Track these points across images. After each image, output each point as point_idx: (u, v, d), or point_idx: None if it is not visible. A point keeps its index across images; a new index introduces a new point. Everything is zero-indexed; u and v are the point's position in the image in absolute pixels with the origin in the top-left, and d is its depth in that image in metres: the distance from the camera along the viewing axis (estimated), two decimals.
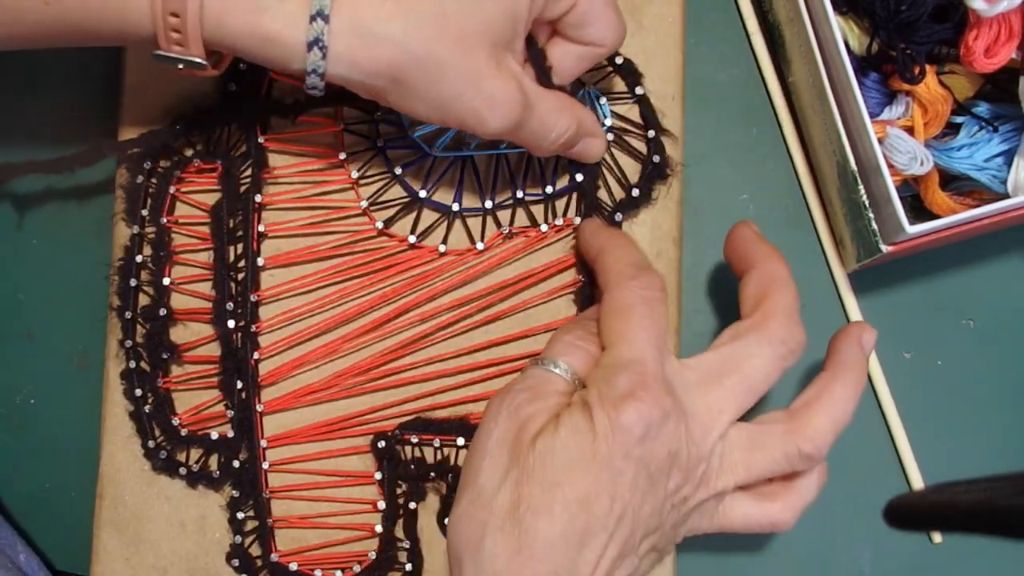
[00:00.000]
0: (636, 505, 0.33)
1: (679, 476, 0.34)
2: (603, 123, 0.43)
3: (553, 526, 0.33)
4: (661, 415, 0.33)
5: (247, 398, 0.42)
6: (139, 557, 0.43)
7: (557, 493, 0.33)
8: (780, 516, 0.37)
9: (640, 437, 0.33)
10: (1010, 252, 0.45)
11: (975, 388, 0.45)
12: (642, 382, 0.34)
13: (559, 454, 0.33)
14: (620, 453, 0.33)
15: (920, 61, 0.39)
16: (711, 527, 0.37)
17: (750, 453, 0.36)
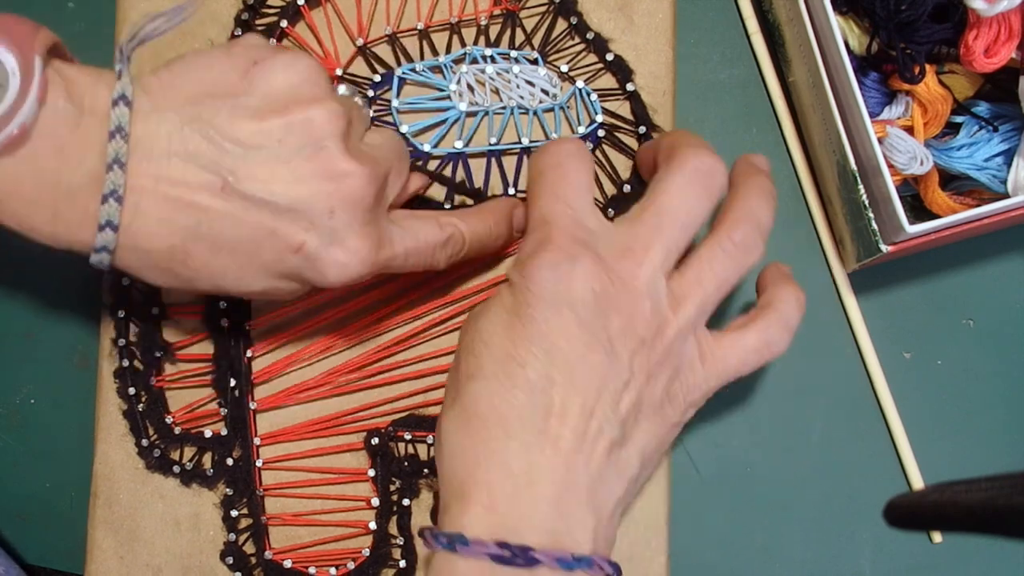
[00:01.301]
0: (579, 353, 0.33)
1: (617, 317, 0.34)
2: (594, 120, 0.42)
3: (491, 386, 0.33)
4: (568, 259, 0.33)
5: (240, 396, 0.42)
6: (133, 555, 0.43)
7: (488, 356, 0.33)
8: (770, 332, 0.36)
9: (553, 285, 0.33)
10: (1010, 252, 0.45)
11: (975, 388, 0.45)
12: (547, 236, 0.34)
13: (486, 321, 0.34)
14: (538, 304, 0.33)
15: (920, 61, 0.39)
16: (708, 377, 0.36)
17: (694, 272, 0.35)
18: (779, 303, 0.37)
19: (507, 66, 0.43)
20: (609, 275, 0.34)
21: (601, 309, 0.33)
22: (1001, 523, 0.25)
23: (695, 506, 0.44)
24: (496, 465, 0.32)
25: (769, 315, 0.37)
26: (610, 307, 0.34)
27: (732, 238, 0.35)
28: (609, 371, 0.33)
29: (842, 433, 0.45)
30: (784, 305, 0.37)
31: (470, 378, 0.34)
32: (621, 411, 0.34)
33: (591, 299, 0.33)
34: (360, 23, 0.43)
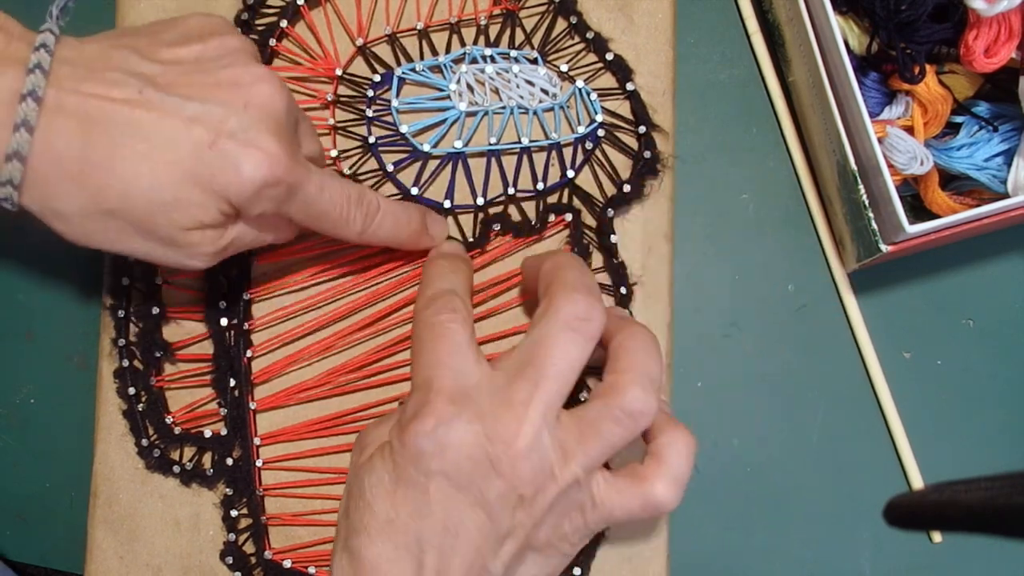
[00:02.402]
0: (456, 517, 0.33)
1: (498, 480, 0.34)
2: (594, 119, 0.43)
3: (372, 547, 0.34)
4: (444, 427, 0.33)
5: (240, 396, 0.42)
6: (133, 555, 0.43)
7: (370, 516, 0.34)
8: (656, 493, 0.35)
9: (431, 452, 0.33)
10: (1010, 252, 0.45)
11: (975, 388, 0.45)
12: (425, 400, 0.34)
13: (370, 478, 0.35)
14: (415, 471, 0.34)
15: (920, 61, 0.39)
16: (595, 520, 0.36)
17: (581, 435, 0.35)
18: (668, 456, 0.36)
19: (507, 66, 0.43)
20: (489, 438, 0.34)
21: (480, 474, 0.34)
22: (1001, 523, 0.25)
23: (695, 506, 0.44)
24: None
25: (658, 473, 0.36)
26: (489, 471, 0.34)
27: (623, 407, 0.34)
28: (489, 529, 0.34)
29: (842, 433, 0.45)
30: (674, 459, 0.36)
31: (356, 532, 0.34)
32: (503, 557, 0.34)
33: (468, 466, 0.34)
34: (360, 23, 0.43)
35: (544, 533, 0.35)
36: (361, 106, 0.43)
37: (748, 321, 0.45)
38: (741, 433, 0.45)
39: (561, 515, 0.35)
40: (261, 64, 0.36)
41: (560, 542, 0.36)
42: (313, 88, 0.43)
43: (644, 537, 0.42)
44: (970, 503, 0.26)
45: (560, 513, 0.35)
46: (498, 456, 0.34)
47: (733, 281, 0.45)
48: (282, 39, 0.44)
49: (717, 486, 0.45)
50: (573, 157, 0.43)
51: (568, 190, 0.43)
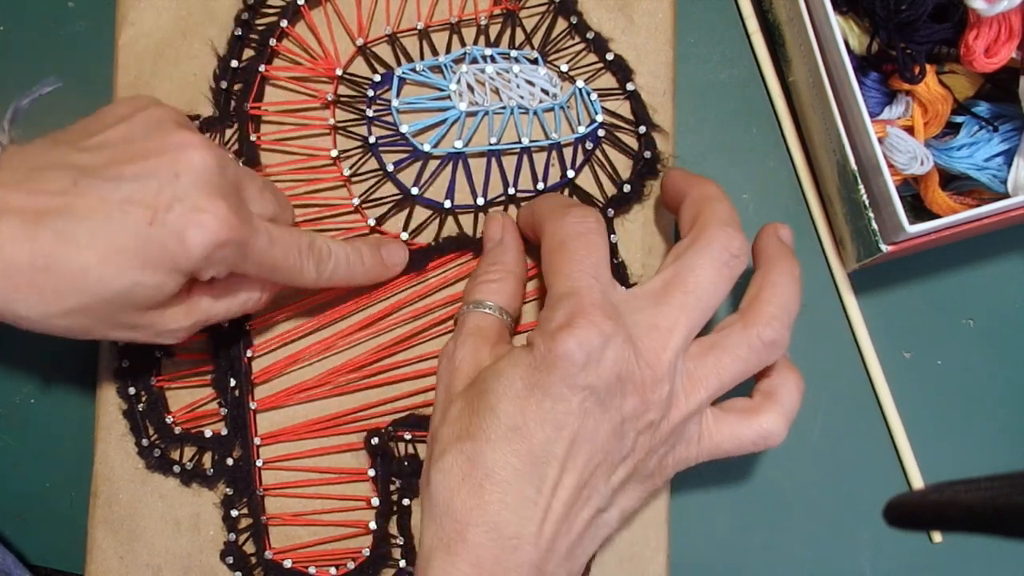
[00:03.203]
0: (589, 434, 0.33)
1: (635, 399, 0.34)
2: (594, 119, 0.43)
3: (494, 453, 0.33)
4: (601, 339, 0.33)
5: (240, 396, 0.42)
6: (133, 555, 0.43)
7: (494, 421, 0.34)
8: (768, 427, 0.36)
9: (581, 364, 0.33)
10: (1010, 252, 0.45)
11: (975, 388, 0.45)
12: (578, 310, 0.34)
13: (497, 383, 0.34)
14: (560, 380, 0.33)
15: (920, 61, 0.39)
16: (700, 453, 0.37)
17: (716, 359, 0.35)
18: (781, 394, 0.37)
19: (507, 66, 0.43)
20: (636, 356, 0.34)
21: (620, 390, 0.34)
22: (1001, 523, 0.25)
23: (695, 506, 0.44)
24: (487, 528, 0.33)
25: (771, 407, 0.37)
26: (629, 388, 0.34)
27: (763, 336, 0.36)
28: (612, 449, 0.34)
29: (842, 433, 0.45)
30: (786, 397, 0.37)
31: (471, 436, 0.34)
32: (613, 483, 0.35)
33: (615, 384, 0.34)
34: (360, 23, 0.43)
35: (653, 464, 0.36)
36: (361, 106, 0.43)
37: None
38: None
39: (672, 445, 0.36)
40: (189, 129, 0.36)
41: (660, 475, 0.36)
42: (313, 88, 0.43)
43: (644, 537, 0.42)
44: (970, 503, 0.26)
45: (672, 443, 0.36)
46: (642, 378, 0.34)
47: None
48: (282, 39, 0.44)
49: (717, 486, 0.45)
50: (573, 157, 0.43)
51: (568, 190, 0.43)
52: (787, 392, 0.37)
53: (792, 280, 0.37)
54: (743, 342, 0.36)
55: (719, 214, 0.36)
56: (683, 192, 0.38)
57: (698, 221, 0.37)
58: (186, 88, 0.43)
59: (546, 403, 0.33)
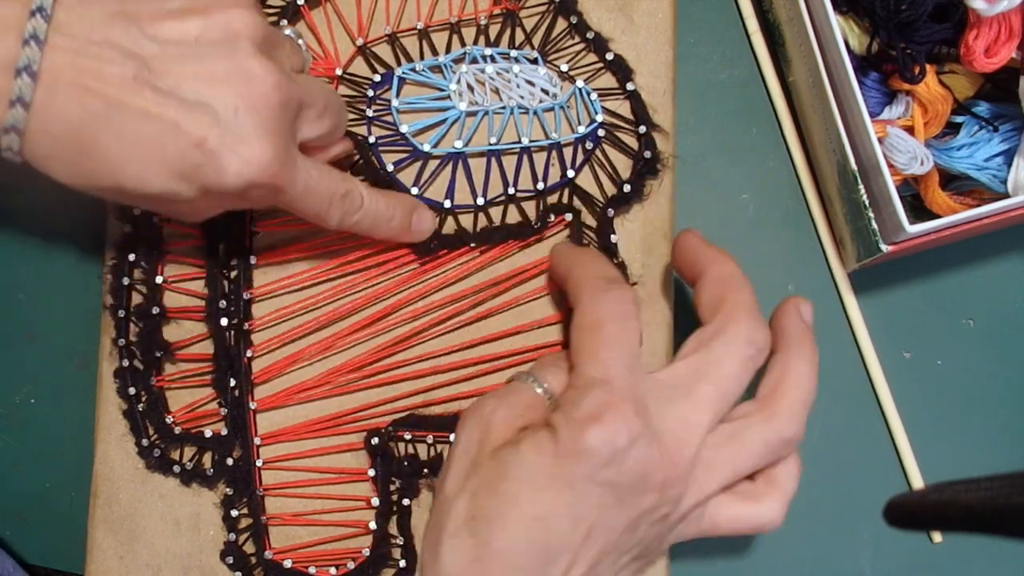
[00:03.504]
0: (605, 527, 0.33)
1: (654, 496, 0.33)
2: (594, 119, 0.43)
3: (509, 540, 0.33)
4: (628, 439, 0.32)
5: (240, 396, 0.42)
6: (133, 555, 0.43)
7: (513, 508, 0.33)
8: (768, 514, 0.36)
9: (606, 460, 0.32)
10: (1010, 252, 0.45)
11: (975, 388, 0.45)
12: (609, 403, 0.33)
13: (519, 469, 0.33)
14: (583, 475, 0.32)
15: (920, 61, 0.39)
16: (698, 532, 0.36)
17: (734, 452, 0.35)
18: (783, 480, 0.37)
19: (507, 66, 0.43)
20: (660, 454, 0.33)
21: (642, 487, 0.33)
22: (1001, 523, 0.25)
23: None
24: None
25: (773, 494, 0.36)
26: (650, 486, 0.33)
27: (782, 434, 0.35)
28: (624, 540, 0.34)
29: (842, 433, 0.45)
30: (788, 483, 0.37)
31: (488, 519, 0.33)
32: (617, 568, 0.34)
33: (637, 482, 0.33)
34: (360, 23, 0.43)
35: (655, 544, 0.35)
36: (361, 106, 0.43)
37: None
38: None
39: (675, 526, 0.35)
40: (263, 56, 0.34)
41: (657, 551, 0.36)
42: None
43: None
44: (970, 503, 0.26)
45: (677, 525, 0.35)
46: (665, 477, 0.33)
47: None
48: None
49: None
50: (573, 157, 0.43)
51: (568, 190, 0.43)
52: (789, 478, 0.37)
53: (812, 369, 0.36)
54: (761, 438, 0.35)
55: (744, 304, 0.36)
56: (700, 267, 0.37)
57: (723, 309, 0.36)
58: None
59: (567, 495, 0.33)
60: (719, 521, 0.36)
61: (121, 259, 0.43)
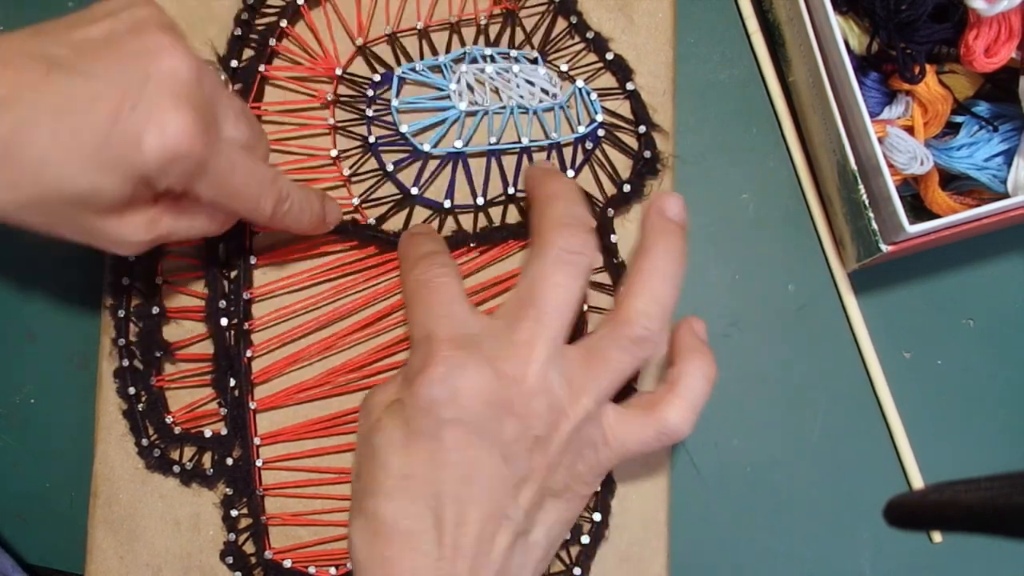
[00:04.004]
0: (474, 464, 0.33)
1: (511, 420, 0.34)
2: (594, 119, 0.43)
3: (390, 507, 0.34)
4: (455, 369, 0.34)
5: (240, 396, 0.42)
6: (133, 555, 0.43)
7: (386, 477, 0.34)
8: (669, 420, 0.35)
9: (442, 402, 0.33)
10: (1010, 252, 0.45)
11: (975, 388, 0.45)
12: (430, 351, 0.34)
13: (383, 439, 0.35)
14: (431, 424, 0.34)
15: (920, 61, 0.39)
16: (611, 456, 0.36)
17: (590, 364, 0.35)
18: (683, 384, 0.36)
19: (507, 65, 0.43)
20: (499, 378, 0.34)
21: (494, 415, 0.34)
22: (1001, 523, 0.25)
23: (695, 506, 0.44)
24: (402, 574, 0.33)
25: (672, 399, 0.36)
26: (503, 412, 0.34)
27: (630, 336, 0.35)
28: (506, 475, 0.34)
29: (842, 433, 0.45)
30: (688, 386, 0.36)
31: (371, 493, 0.34)
32: (522, 505, 0.34)
33: (482, 410, 0.34)
34: (360, 23, 0.43)
35: (561, 476, 0.35)
36: (361, 106, 0.43)
37: (748, 321, 0.45)
38: (741, 433, 0.45)
39: (576, 454, 0.35)
40: (170, 33, 0.34)
41: (577, 484, 0.36)
42: (313, 88, 0.43)
43: (644, 537, 0.42)
44: (970, 503, 0.26)
45: (575, 452, 0.35)
46: (510, 397, 0.34)
47: (733, 281, 0.45)
48: (282, 39, 0.44)
49: (717, 486, 0.45)
50: (573, 157, 0.43)
51: None
52: (689, 380, 0.36)
53: (665, 263, 0.35)
54: (612, 344, 0.35)
55: (552, 215, 0.36)
56: (531, 195, 0.38)
57: (536, 230, 0.36)
58: None
59: (423, 445, 0.34)
60: (624, 439, 0.35)
61: (121, 259, 0.43)
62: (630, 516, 0.42)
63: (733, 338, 0.45)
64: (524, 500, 0.34)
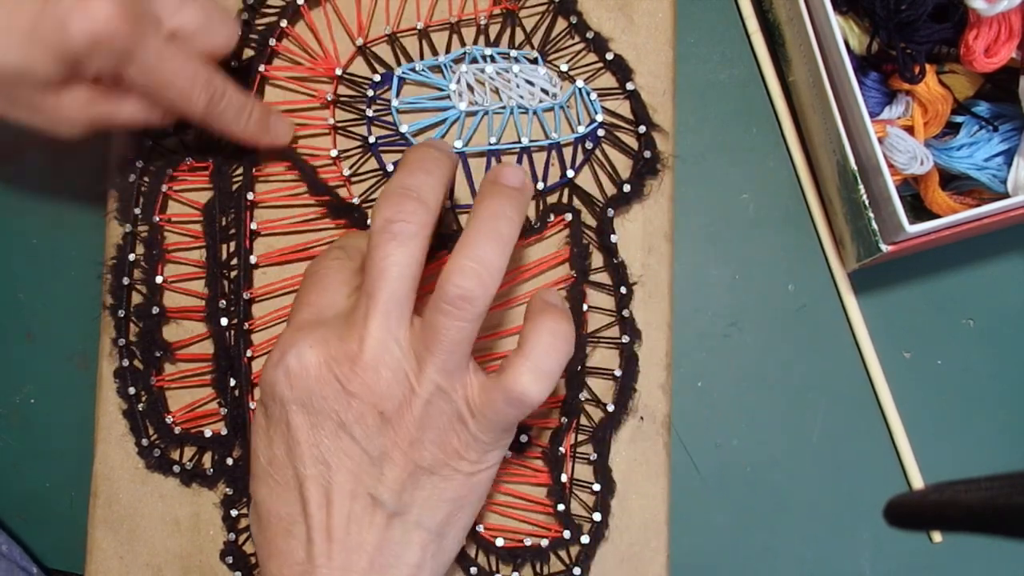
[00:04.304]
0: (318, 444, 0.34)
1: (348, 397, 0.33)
2: (594, 119, 0.43)
3: (260, 489, 0.36)
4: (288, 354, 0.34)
5: (240, 396, 0.42)
6: (133, 555, 0.43)
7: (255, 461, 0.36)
8: (515, 385, 0.33)
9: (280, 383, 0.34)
10: (1010, 252, 0.45)
11: (975, 388, 0.45)
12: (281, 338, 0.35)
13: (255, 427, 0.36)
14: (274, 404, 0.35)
15: (920, 60, 0.39)
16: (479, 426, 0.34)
17: (425, 339, 0.33)
18: (528, 347, 0.34)
19: (507, 65, 0.43)
20: (334, 358, 0.34)
21: (332, 397, 0.34)
22: (1001, 523, 0.25)
23: (695, 506, 0.44)
24: (282, 558, 0.35)
25: (517, 364, 0.34)
26: (341, 393, 0.34)
27: (444, 297, 0.33)
28: (359, 454, 0.34)
29: (842, 433, 0.45)
30: (533, 348, 0.34)
31: (253, 479, 0.36)
32: (389, 484, 0.34)
33: (318, 390, 0.34)
34: (360, 23, 0.43)
35: (429, 452, 0.34)
36: (361, 106, 0.43)
37: (748, 321, 0.45)
38: (741, 433, 0.45)
39: (442, 430, 0.34)
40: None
41: (454, 460, 0.35)
42: (313, 88, 0.43)
43: (644, 537, 0.42)
44: (970, 503, 0.26)
45: (439, 428, 0.34)
46: (346, 375, 0.33)
47: (733, 281, 0.45)
48: (282, 39, 0.44)
49: (717, 486, 0.45)
50: (573, 157, 0.43)
51: (568, 190, 0.43)
52: (534, 342, 0.34)
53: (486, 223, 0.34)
54: (435, 311, 0.33)
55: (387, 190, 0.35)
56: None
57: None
58: None
59: (277, 429, 0.35)
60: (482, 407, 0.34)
61: (121, 259, 0.43)
62: (630, 516, 0.42)
63: (733, 338, 0.45)
64: (390, 479, 0.34)
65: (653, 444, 0.42)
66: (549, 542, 0.41)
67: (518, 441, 0.42)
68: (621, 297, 0.42)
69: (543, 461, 0.42)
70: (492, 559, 0.42)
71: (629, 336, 0.42)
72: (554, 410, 0.42)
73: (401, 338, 0.34)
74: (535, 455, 0.42)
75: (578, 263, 0.42)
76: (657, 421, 0.42)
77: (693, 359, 0.45)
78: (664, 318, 0.42)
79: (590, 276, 0.42)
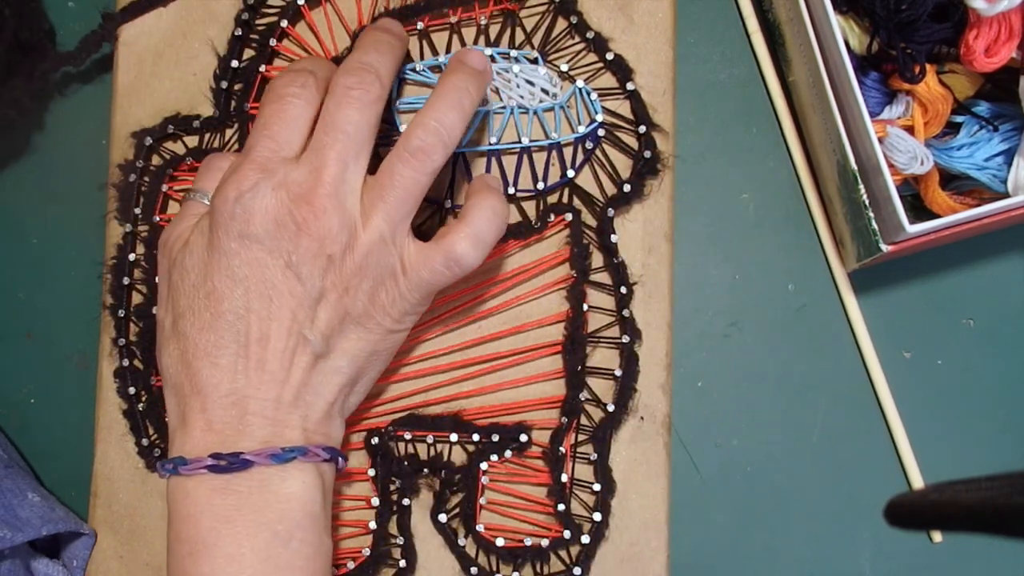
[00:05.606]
0: (264, 279, 0.35)
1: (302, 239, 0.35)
2: (594, 119, 0.43)
3: (195, 322, 0.36)
4: (249, 193, 0.35)
5: None
6: (133, 555, 0.43)
7: (194, 293, 0.36)
8: (455, 248, 0.37)
9: (238, 217, 0.35)
10: (1010, 252, 0.45)
11: (975, 388, 0.45)
12: (238, 166, 0.36)
13: (190, 257, 0.36)
14: (224, 235, 0.35)
15: (920, 60, 0.39)
16: (410, 287, 0.37)
17: (378, 187, 0.36)
18: (470, 215, 0.37)
19: (507, 65, 0.43)
20: (292, 199, 0.35)
21: (287, 234, 0.35)
22: (1001, 523, 0.25)
23: (695, 506, 0.44)
24: (209, 392, 0.35)
25: (459, 229, 0.37)
26: (296, 232, 0.35)
27: (406, 145, 0.36)
28: (301, 292, 0.35)
29: (842, 433, 0.45)
30: (475, 217, 0.37)
31: (181, 315, 0.36)
32: (320, 326, 0.36)
33: (274, 229, 0.35)
34: (360, 23, 0.43)
35: (360, 302, 0.36)
36: None
37: (748, 321, 0.45)
38: (741, 433, 0.45)
39: (375, 282, 0.36)
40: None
41: (379, 314, 0.37)
42: None
43: (644, 537, 0.42)
44: (970, 503, 0.26)
45: (373, 279, 0.36)
46: (304, 217, 0.35)
47: (733, 281, 0.45)
48: (282, 39, 0.44)
49: (717, 486, 0.45)
50: (573, 157, 0.43)
51: (568, 190, 0.43)
52: (477, 213, 0.37)
53: (451, 91, 0.37)
54: (394, 158, 0.36)
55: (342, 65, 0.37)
56: None
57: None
58: (186, 88, 0.43)
59: (218, 259, 0.35)
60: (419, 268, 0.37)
61: (121, 259, 0.43)
62: (630, 516, 0.42)
63: (733, 338, 0.45)
64: (321, 321, 0.36)
65: (653, 444, 0.42)
66: (549, 542, 0.41)
67: (518, 441, 0.42)
68: (621, 297, 0.42)
69: (543, 461, 0.42)
70: (492, 559, 0.42)
71: (629, 336, 0.42)
72: (554, 410, 0.42)
73: (356, 187, 0.36)
74: (535, 455, 0.42)
75: (578, 263, 0.42)
76: (657, 421, 0.42)
77: (693, 359, 0.45)
78: (664, 318, 0.42)
79: (590, 276, 0.42)
